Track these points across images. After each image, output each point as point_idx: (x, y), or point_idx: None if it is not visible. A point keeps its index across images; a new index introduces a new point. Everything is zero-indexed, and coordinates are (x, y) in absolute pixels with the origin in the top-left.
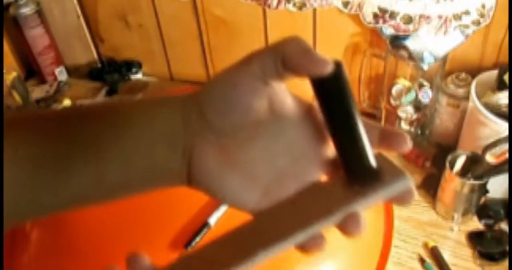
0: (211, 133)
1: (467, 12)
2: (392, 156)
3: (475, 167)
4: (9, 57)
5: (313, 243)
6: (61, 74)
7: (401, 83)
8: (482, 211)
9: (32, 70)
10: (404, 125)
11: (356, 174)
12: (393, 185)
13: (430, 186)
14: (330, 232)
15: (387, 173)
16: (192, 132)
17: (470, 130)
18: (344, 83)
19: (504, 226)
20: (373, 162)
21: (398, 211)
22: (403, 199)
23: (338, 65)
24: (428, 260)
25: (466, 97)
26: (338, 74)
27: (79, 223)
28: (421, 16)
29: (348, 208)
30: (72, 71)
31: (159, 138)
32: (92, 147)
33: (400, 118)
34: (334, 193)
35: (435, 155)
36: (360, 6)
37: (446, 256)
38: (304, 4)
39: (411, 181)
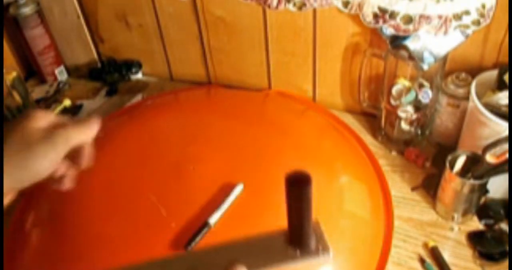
0: None
1: (467, 12)
2: (392, 156)
3: (475, 167)
4: (9, 57)
5: None
6: (61, 74)
7: (401, 83)
8: (482, 211)
9: (32, 70)
10: (404, 125)
11: (296, 238)
12: (318, 257)
13: (430, 186)
14: (330, 233)
15: (319, 244)
16: None
17: (470, 130)
18: None
19: (504, 226)
20: (311, 232)
21: (398, 211)
22: None
23: None
24: (428, 260)
25: (466, 97)
26: None
27: (79, 223)
28: (421, 16)
29: (284, 265)
30: (72, 71)
31: None
32: None
33: (400, 118)
34: (275, 246)
35: (435, 155)
36: (360, 6)
37: (446, 256)
38: (304, 4)
39: (330, 256)
